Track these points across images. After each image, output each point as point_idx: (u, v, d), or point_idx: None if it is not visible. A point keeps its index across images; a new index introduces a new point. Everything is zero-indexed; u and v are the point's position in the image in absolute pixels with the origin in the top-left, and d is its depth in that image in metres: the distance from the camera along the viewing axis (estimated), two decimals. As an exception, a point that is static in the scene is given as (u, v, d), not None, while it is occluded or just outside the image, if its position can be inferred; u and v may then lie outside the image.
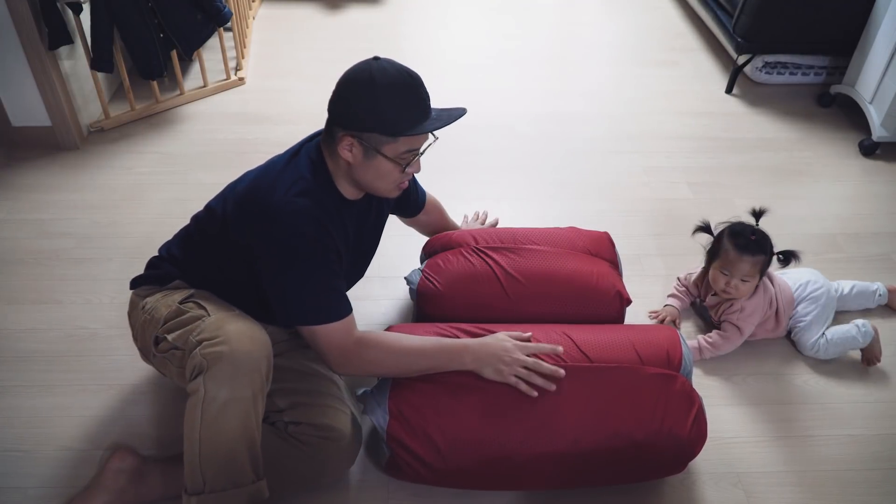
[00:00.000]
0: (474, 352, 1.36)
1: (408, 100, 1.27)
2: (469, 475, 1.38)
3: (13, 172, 2.38)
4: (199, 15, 2.59)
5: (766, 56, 2.93)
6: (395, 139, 1.27)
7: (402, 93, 1.26)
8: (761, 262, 1.70)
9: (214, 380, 1.21)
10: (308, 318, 1.31)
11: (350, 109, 1.27)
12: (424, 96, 1.30)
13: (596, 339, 1.47)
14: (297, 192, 1.29)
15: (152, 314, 1.39)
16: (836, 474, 1.54)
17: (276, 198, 1.28)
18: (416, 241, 1.91)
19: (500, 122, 2.75)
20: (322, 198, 1.33)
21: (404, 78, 1.27)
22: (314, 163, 1.35)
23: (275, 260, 1.29)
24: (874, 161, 2.57)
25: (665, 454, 1.39)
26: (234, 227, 1.35)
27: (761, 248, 1.68)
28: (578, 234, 1.78)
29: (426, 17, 3.61)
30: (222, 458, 1.22)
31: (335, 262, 1.33)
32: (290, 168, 1.34)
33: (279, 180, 1.31)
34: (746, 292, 1.73)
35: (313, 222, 1.28)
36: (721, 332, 1.78)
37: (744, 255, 1.68)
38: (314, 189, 1.32)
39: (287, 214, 1.27)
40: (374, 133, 1.27)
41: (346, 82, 1.28)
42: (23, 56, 2.27)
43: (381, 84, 1.25)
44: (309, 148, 1.38)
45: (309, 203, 1.29)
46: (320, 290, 1.31)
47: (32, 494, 1.45)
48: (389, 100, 1.25)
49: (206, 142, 2.58)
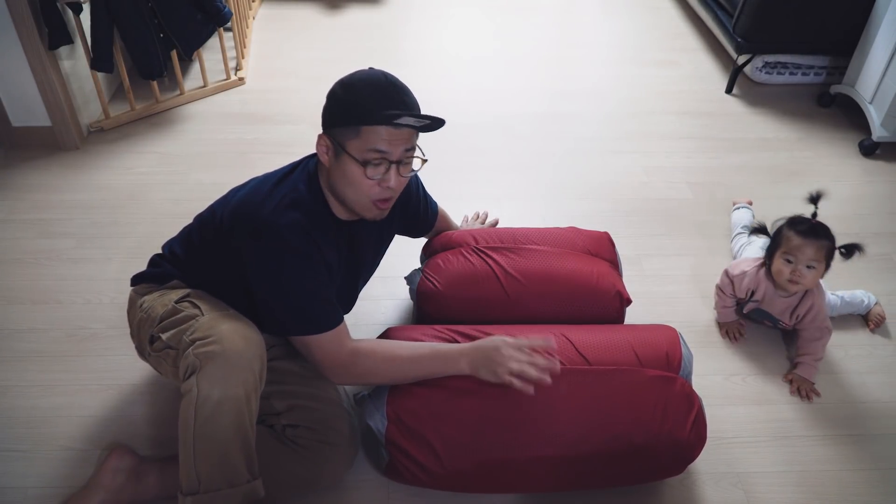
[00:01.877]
0: (469, 355, 1.34)
1: (380, 94, 1.21)
2: (468, 479, 1.37)
3: (13, 172, 2.38)
4: (199, 15, 2.59)
5: (766, 56, 2.93)
6: (357, 132, 1.22)
7: (375, 86, 1.22)
8: (826, 248, 1.65)
9: (207, 379, 1.20)
10: (298, 329, 1.31)
11: (327, 107, 1.27)
12: (402, 97, 1.23)
13: (594, 340, 1.46)
14: (288, 203, 1.28)
15: (149, 313, 1.39)
16: (836, 474, 1.54)
17: (265, 210, 1.27)
18: (415, 241, 1.91)
19: (501, 122, 2.75)
20: (313, 211, 1.31)
21: (378, 75, 1.25)
22: (311, 176, 1.35)
23: (263, 270, 1.28)
24: (874, 161, 2.57)
25: (664, 457, 1.38)
26: (226, 234, 1.34)
27: (825, 233, 1.66)
28: (578, 234, 1.78)
29: (426, 17, 3.61)
30: (216, 458, 1.22)
31: (324, 273, 1.31)
32: (286, 182, 1.33)
33: (272, 193, 1.30)
34: (813, 281, 1.68)
35: (301, 233, 1.27)
36: (815, 343, 1.73)
37: (808, 239, 1.64)
38: (306, 201, 1.30)
39: (276, 227, 1.26)
40: (339, 127, 1.24)
41: (334, 84, 1.28)
42: (23, 56, 2.27)
43: (357, 78, 1.24)
44: (309, 163, 1.38)
45: (298, 216, 1.28)
46: (309, 300, 1.30)
47: (32, 494, 1.45)
48: (361, 91, 1.22)
49: (206, 142, 2.58)
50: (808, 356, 1.74)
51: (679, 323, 1.87)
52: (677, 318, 1.90)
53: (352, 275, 1.49)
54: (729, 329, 1.86)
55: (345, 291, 1.50)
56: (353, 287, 1.55)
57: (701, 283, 2.03)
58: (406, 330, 1.51)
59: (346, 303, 1.55)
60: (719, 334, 1.87)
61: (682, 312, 1.93)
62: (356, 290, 1.57)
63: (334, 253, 1.35)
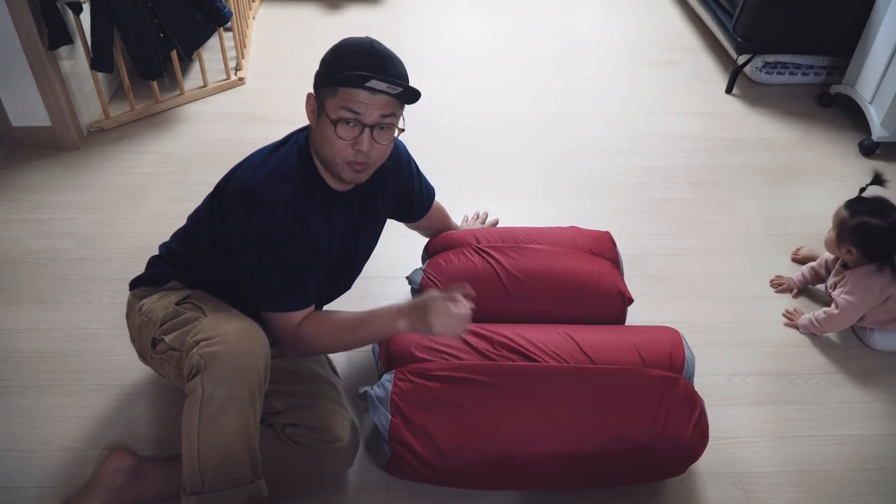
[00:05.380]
0: (405, 314, 1.30)
1: (360, 58, 1.23)
2: (470, 475, 1.38)
3: (13, 172, 2.37)
4: (199, 15, 2.59)
5: (766, 56, 2.93)
6: (334, 92, 1.23)
7: (358, 51, 1.25)
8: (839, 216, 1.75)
9: (212, 379, 1.20)
10: (266, 304, 1.33)
11: (318, 69, 1.28)
12: (384, 65, 1.24)
13: (598, 340, 1.47)
14: (278, 175, 1.29)
15: (149, 316, 1.39)
16: (836, 474, 1.54)
17: (256, 181, 1.28)
18: (417, 240, 1.91)
19: (501, 122, 2.75)
20: (304, 185, 1.31)
21: (368, 44, 1.26)
22: (301, 149, 1.35)
23: (246, 244, 1.29)
24: (874, 161, 2.57)
25: (667, 457, 1.39)
26: (216, 218, 1.34)
27: (873, 208, 1.73)
28: (580, 234, 1.78)
29: (426, 17, 3.61)
30: (221, 458, 1.21)
31: (308, 253, 1.31)
32: (276, 154, 1.34)
33: (262, 165, 1.31)
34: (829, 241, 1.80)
35: (288, 209, 1.27)
36: (828, 310, 1.81)
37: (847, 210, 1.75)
38: (297, 175, 1.31)
39: (264, 199, 1.26)
40: (322, 87, 1.26)
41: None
42: (23, 56, 2.27)
43: (346, 43, 1.27)
44: (298, 137, 1.38)
45: (288, 189, 1.28)
46: (282, 278, 1.31)
47: (32, 494, 1.45)
48: (343, 53, 1.25)
49: (206, 142, 2.58)
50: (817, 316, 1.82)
51: (679, 323, 1.87)
52: (677, 318, 1.90)
53: (349, 249, 1.48)
54: (787, 282, 2.00)
55: (344, 266, 1.50)
56: (353, 262, 1.54)
57: (701, 283, 2.03)
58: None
59: (347, 277, 1.55)
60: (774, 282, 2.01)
61: (682, 312, 1.93)
62: (356, 265, 1.56)
63: (325, 226, 1.35)
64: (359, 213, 1.45)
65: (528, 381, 1.40)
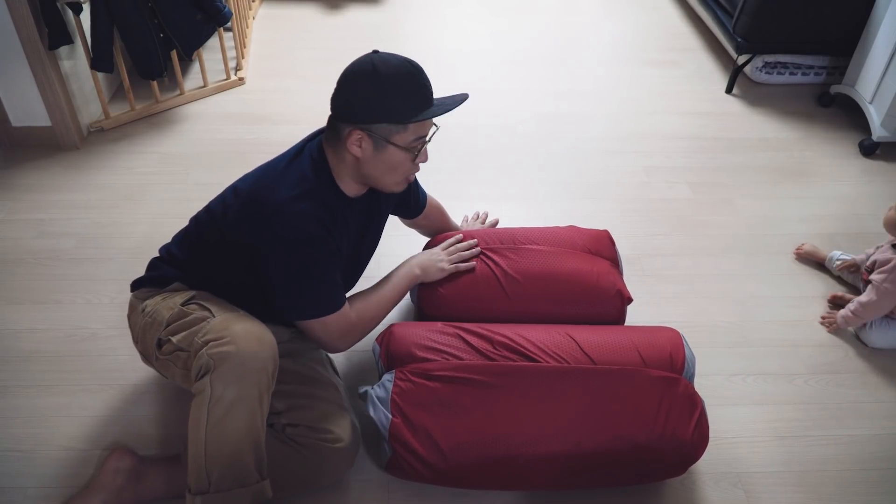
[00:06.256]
0: (419, 266, 1.60)
1: (412, 87, 1.28)
2: (470, 475, 1.38)
3: (13, 172, 2.37)
4: (199, 15, 2.59)
5: (766, 56, 2.93)
6: (404, 127, 1.29)
7: (406, 81, 1.28)
8: None
9: (221, 379, 1.21)
10: (308, 313, 1.36)
11: (356, 103, 1.28)
12: (427, 83, 1.32)
13: (599, 340, 1.47)
14: (300, 194, 1.30)
15: (154, 317, 1.39)
16: (836, 474, 1.54)
17: (278, 199, 1.29)
18: (416, 241, 1.91)
19: (501, 122, 2.75)
20: (325, 199, 1.34)
21: (406, 67, 1.28)
22: (316, 162, 1.36)
23: (279, 257, 1.30)
24: (874, 161, 2.57)
25: (667, 457, 1.39)
26: (233, 227, 1.35)
27: None
28: (578, 233, 1.78)
29: (426, 17, 3.61)
30: (228, 458, 1.22)
31: (336, 255, 1.36)
32: (293, 168, 1.35)
33: (282, 181, 1.32)
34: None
35: (316, 222, 1.30)
36: (862, 299, 1.79)
37: None
38: (316, 190, 1.33)
39: (290, 215, 1.29)
40: (383, 123, 1.28)
41: (350, 76, 1.29)
42: (23, 56, 2.27)
43: (384, 74, 1.25)
44: (311, 147, 1.39)
45: (311, 206, 1.30)
46: (320, 285, 1.34)
47: (32, 494, 1.45)
48: (395, 88, 1.26)
49: (206, 142, 2.58)
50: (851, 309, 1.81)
51: (679, 323, 1.88)
52: (677, 318, 1.91)
53: (357, 248, 1.52)
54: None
55: (351, 265, 1.53)
56: (358, 261, 1.57)
57: (701, 283, 2.03)
58: (411, 326, 1.52)
59: (352, 276, 1.58)
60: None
61: (682, 312, 1.93)
62: (361, 264, 1.59)
63: (345, 233, 1.40)
64: (367, 213, 1.49)
65: (528, 381, 1.40)
